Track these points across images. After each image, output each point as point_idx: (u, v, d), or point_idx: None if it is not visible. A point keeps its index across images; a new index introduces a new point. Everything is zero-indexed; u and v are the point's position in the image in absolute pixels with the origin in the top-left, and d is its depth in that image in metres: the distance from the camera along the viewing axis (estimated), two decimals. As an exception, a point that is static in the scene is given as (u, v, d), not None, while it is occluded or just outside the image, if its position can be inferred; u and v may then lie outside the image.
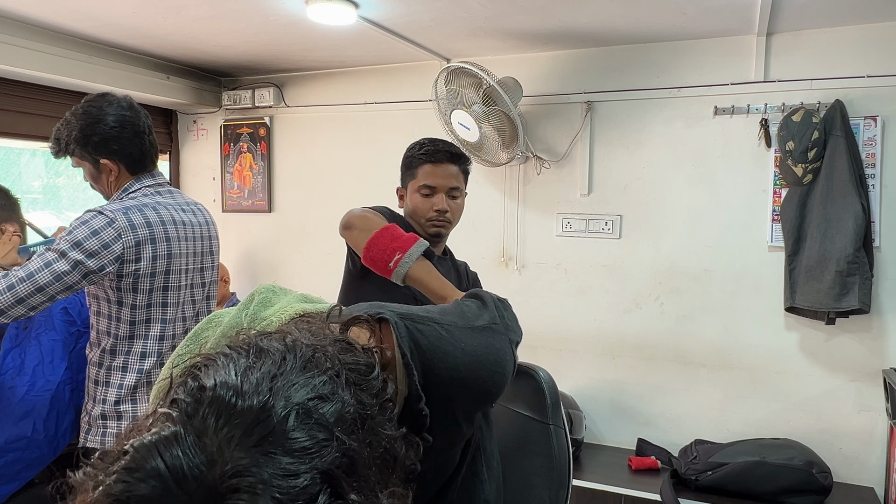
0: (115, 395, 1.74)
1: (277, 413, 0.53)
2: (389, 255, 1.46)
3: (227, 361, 0.59)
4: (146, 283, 1.73)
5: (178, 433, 0.52)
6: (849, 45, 2.52)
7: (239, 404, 0.54)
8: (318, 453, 0.53)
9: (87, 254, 1.62)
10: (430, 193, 1.82)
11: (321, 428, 0.55)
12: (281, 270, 3.61)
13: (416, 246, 1.48)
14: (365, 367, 0.65)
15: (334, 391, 0.59)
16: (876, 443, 2.53)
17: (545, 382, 1.24)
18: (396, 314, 0.80)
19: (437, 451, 0.71)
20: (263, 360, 0.59)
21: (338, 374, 0.61)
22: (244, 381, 0.56)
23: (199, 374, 0.57)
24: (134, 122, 1.79)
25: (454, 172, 1.84)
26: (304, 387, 0.57)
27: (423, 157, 1.84)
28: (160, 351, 1.79)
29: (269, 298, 0.85)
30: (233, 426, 0.52)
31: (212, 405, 0.54)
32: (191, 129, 3.80)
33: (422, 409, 0.75)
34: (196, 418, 0.53)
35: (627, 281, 2.89)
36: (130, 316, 1.74)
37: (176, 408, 0.55)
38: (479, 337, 0.85)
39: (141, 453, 0.51)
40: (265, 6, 2.40)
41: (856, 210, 2.40)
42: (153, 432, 0.52)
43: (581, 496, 2.50)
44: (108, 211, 1.67)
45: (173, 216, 1.81)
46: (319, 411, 0.56)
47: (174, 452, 0.50)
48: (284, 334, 0.65)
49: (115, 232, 1.65)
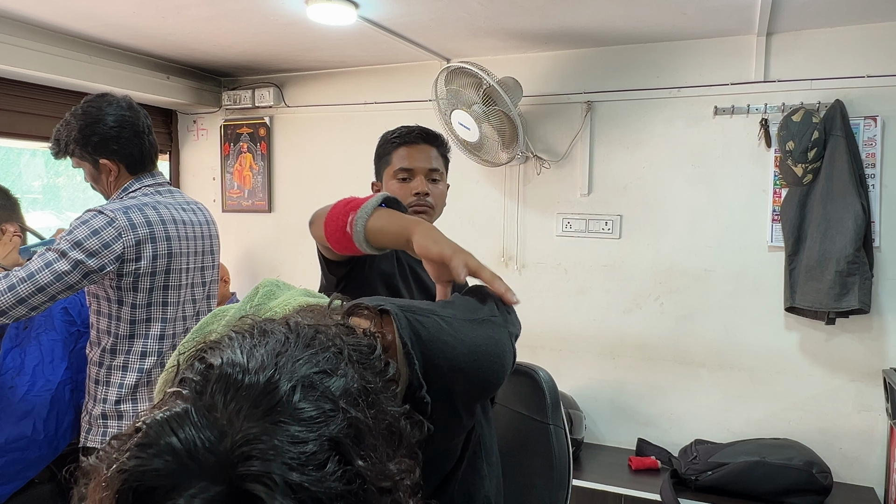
0: (116, 395, 1.74)
1: (283, 386, 0.55)
2: (344, 220, 1.16)
3: (231, 342, 0.61)
4: (146, 282, 1.73)
5: (188, 409, 0.54)
6: (849, 45, 2.52)
7: (246, 379, 0.56)
8: (324, 422, 0.55)
9: (88, 253, 1.62)
10: (408, 177, 1.67)
11: (326, 399, 0.56)
12: (281, 270, 3.61)
13: (373, 199, 1.17)
14: (367, 347, 0.67)
15: (338, 366, 0.61)
16: (876, 443, 2.53)
17: (545, 382, 1.24)
18: (397, 306, 0.81)
19: (437, 443, 0.72)
20: (268, 339, 0.61)
21: (340, 351, 0.63)
22: (250, 358, 0.58)
23: (206, 356, 0.59)
24: (133, 123, 1.79)
25: (432, 154, 1.70)
26: (308, 362, 0.59)
27: (396, 141, 1.70)
28: (160, 350, 1.79)
29: (273, 291, 0.87)
30: (241, 399, 0.54)
31: (219, 381, 0.56)
32: (191, 129, 3.80)
33: (423, 398, 0.75)
34: (205, 395, 0.55)
35: (627, 281, 2.89)
36: (131, 315, 1.74)
37: (185, 386, 0.57)
38: (479, 329, 0.86)
39: (154, 430, 0.53)
40: (265, 6, 2.40)
41: (856, 210, 2.40)
42: (164, 410, 0.54)
43: (581, 496, 2.50)
44: (109, 210, 1.68)
45: (173, 215, 1.81)
46: (324, 384, 0.58)
47: (186, 427, 0.52)
48: (287, 318, 0.67)
49: (116, 231, 1.66)
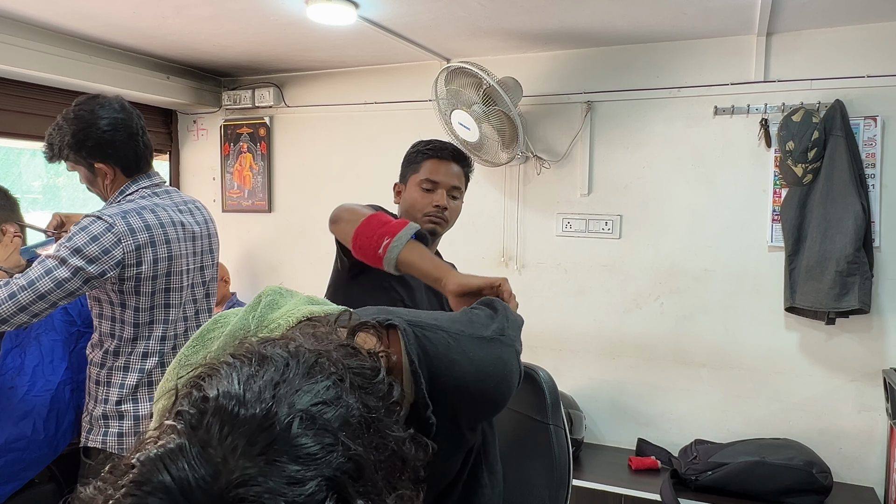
0: (117, 395, 1.74)
1: (281, 420, 0.53)
2: (378, 242, 1.36)
3: (229, 371, 0.59)
4: (148, 285, 1.73)
5: (182, 445, 0.52)
6: (849, 45, 2.52)
7: (242, 413, 0.54)
8: (323, 459, 0.53)
9: (88, 260, 1.61)
10: (432, 189, 1.80)
11: (326, 433, 0.54)
12: (281, 270, 3.61)
13: (406, 228, 1.38)
14: (370, 370, 0.65)
15: (338, 396, 0.58)
16: (876, 443, 2.53)
17: (545, 382, 1.24)
18: (405, 321, 0.79)
19: (439, 458, 0.71)
20: (266, 367, 0.59)
21: (342, 378, 0.60)
22: (247, 389, 0.56)
23: (203, 385, 0.57)
24: (127, 125, 1.77)
25: (457, 172, 1.84)
26: (308, 393, 0.57)
27: (428, 153, 1.83)
28: (162, 351, 1.79)
29: (276, 301, 0.84)
30: (237, 435, 0.52)
31: (215, 415, 0.54)
32: (191, 129, 3.80)
33: (429, 418, 0.75)
34: (200, 430, 0.53)
35: (627, 281, 2.89)
36: (134, 318, 1.74)
37: (180, 419, 0.55)
38: (487, 348, 0.84)
39: (147, 467, 0.51)
40: (265, 6, 2.40)
41: (856, 210, 2.40)
42: (159, 445, 0.53)
43: (581, 496, 2.50)
44: (107, 216, 1.67)
45: (172, 217, 1.80)
46: (324, 417, 0.55)
47: (180, 465, 0.51)
48: (288, 340, 0.65)
49: (115, 237, 1.65)
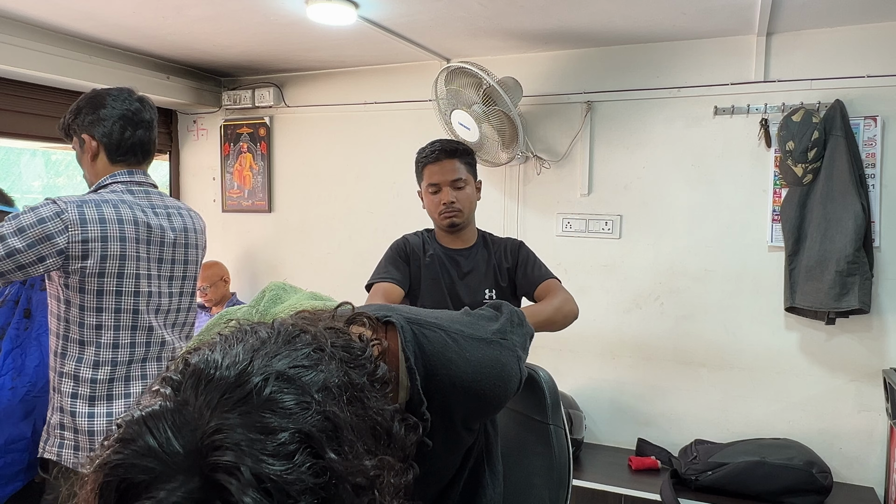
0: (71, 405, 1.63)
1: (255, 379, 0.56)
2: None
3: (214, 343, 0.63)
4: (93, 283, 1.61)
5: (163, 406, 0.56)
6: (849, 45, 2.52)
7: (217, 374, 0.57)
8: (298, 414, 0.55)
9: (27, 243, 1.52)
10: (437, 191, 2.01)
11: (303, 392, 0.57)
12: (281, 270, 3.60)
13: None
14: (358, 350, 0.67)
15: (318, 361, 0.60)
16: (876, 443, 2.53)
17: (545, 382, 1.23)
18: (403, 318, 0.79)
19: (434, 456, 0.71)
20: (248, 337, 0.63)
21: (322, 348, 0.62)
22: (226, 355, 0.59)
23: (189, 356, 0.61)
24: (127, 106, 1.75)
25: (452, 166, 2.01)
26: (286, 357, 0.60)
27: (424, 161, 2.04)
28: (115, 360, 1.65)
29: (279, 295, 0.86)
30: (212, 392, 0.55)
31: (192, 377, 0.57)
32: (191, 129, 3.80)
33: (423, 414, 0.74)
34: (180, 391, 0.57)
35: (627, 281, 2.89)
36: (79, 318, 1.62)
37: (165, 384, 0.59)
38: (486, 349, 0.84)
39: (131, 427, 0.55)
40: (265, 6, 2.40)
41: (856, 210, 2.40)
42: (142, 407, 0.56)
43: (581, 496, 2.50)
44: (62, 201, 1.58)
45: (136, 216, 1.67)
46: (301, 379, 0.58)
47: (160, 424, 0.54)
48: (276, 320, 0.68)
49: (62, 224, 1.55)
